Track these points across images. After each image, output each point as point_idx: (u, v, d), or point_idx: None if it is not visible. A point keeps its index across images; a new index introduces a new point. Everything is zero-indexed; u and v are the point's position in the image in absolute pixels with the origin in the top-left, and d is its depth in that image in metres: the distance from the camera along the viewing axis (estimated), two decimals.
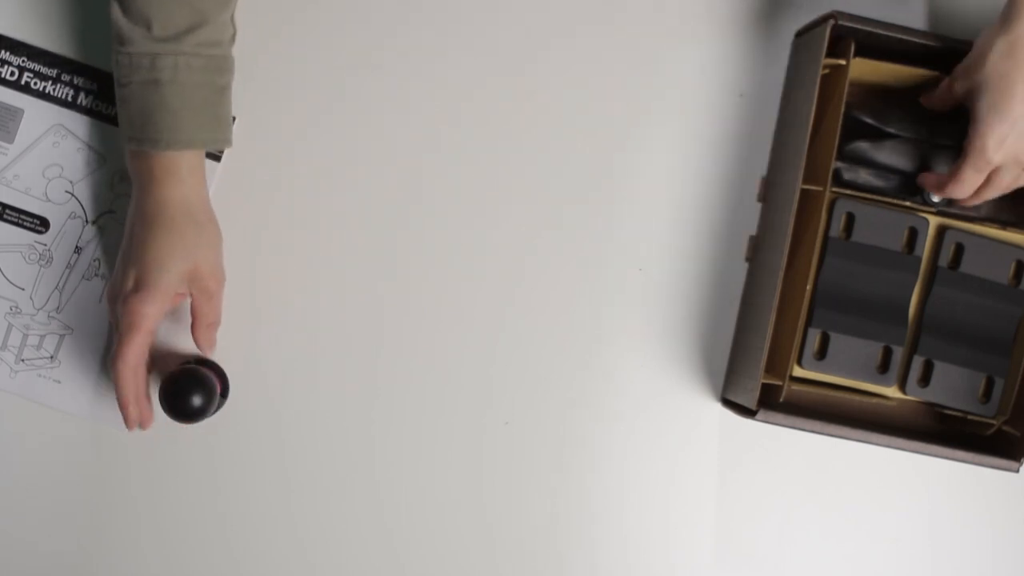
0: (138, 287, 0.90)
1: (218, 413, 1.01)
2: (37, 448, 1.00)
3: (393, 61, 1.03)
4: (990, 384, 1.01)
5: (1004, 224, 1.02)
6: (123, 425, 0.99)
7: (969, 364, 1.01)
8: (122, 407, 0.92)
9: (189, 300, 0.96)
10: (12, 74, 1.00)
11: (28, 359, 1.00)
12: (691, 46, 1.05)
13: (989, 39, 0.91)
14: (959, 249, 1.01)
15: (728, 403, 1.03)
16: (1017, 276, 1.01)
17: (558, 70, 1.04)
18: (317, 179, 1.02)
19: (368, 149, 1.03)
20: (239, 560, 1.01)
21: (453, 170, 1.03)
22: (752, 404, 0.96)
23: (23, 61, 1.00)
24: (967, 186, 0.95)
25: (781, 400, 0.97)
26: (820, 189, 0.97)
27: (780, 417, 0.96)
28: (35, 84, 1.00)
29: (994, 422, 1.00)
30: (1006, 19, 0.90)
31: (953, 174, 0.95)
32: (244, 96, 1.02)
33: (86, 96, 1.00)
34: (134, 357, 0.90)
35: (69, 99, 1.00)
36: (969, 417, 1.01)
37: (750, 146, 1.05)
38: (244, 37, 1.01)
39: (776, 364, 0.99)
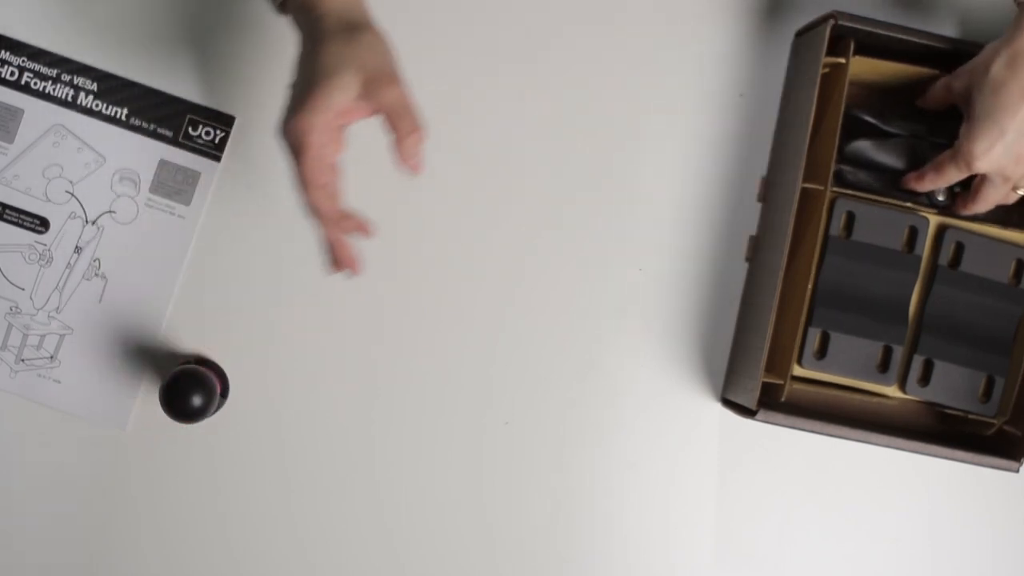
0: (294, 106, 0.82)
1: (218, 413, 1.01)
2: (37, 448, 1.00)
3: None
4: (990, 383, 1.01)
5: (1004, 223, 1.02)
6: (123, 425, 0.99)
7: (969, 363, 1.00)
8: (327, 236, 0.86)
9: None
10: (12, 74, 1.00)
11: (28, 359, 1.00)
12: (691, 46, 1.05)
13: (995, 47, 0.92)
14: (959, 248, 1.01)
15: (728, 403, 1.03)
16: (1017, 275, 1.01)
17: (558, 70, 1.04)
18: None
19: (368, 148, 1.03)
20: (239, 560, 1.01)
21: (453, 169, 1.03)
22: (752, 404, 0.96)
23: (23, 61, 1.00)
24: (946, 178, 0.96)
25: (782, 400, 0.97)
26: (820, 188, 0.97)
27: (780, 417, 0.96)
28: (35, 84, 1.00)
29: (994, 421, 1.00)
30: (1011, 30, 0.91)
31: (934, 164, 0.96)
32: (245, 96, 1.02)
33: (86, 96, 1.00)
34: (315, 177, 0.82)
35: (69, 99, 1.00)
36: (970, 417, 1.01)
37: (750, 146, 1.05)
38: (246, 37, 1.02)
39: (776, 364, 0.98)
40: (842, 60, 0.98)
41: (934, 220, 1.01)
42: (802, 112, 0.98)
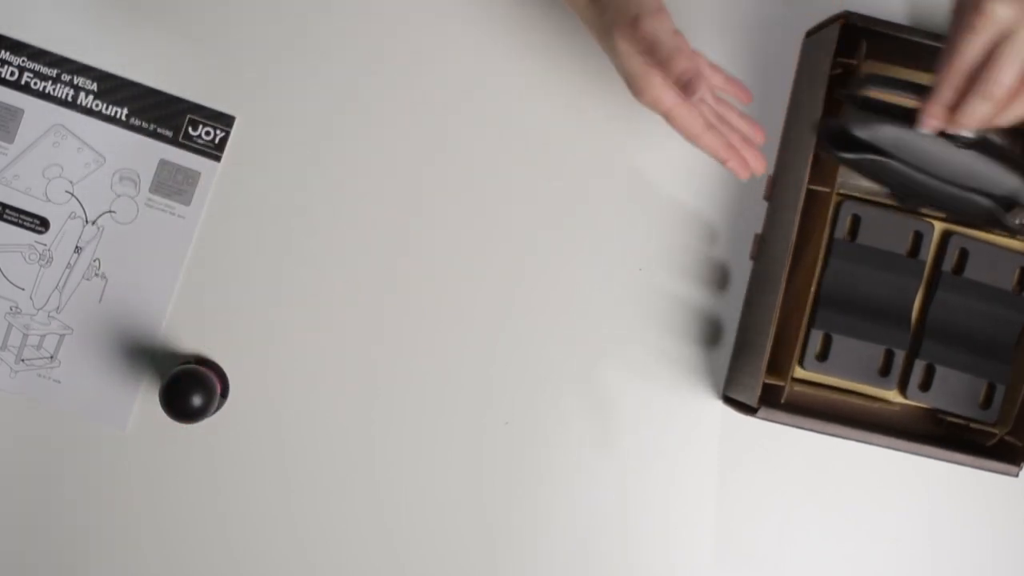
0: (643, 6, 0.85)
1: (218, 413, 1.01)
2: (37, 448, 1.01)
3: (396, 62, 1.03)
4: (991, 390, 1.01)
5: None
6: (123, 425, 1.00)
7: (970, 370, 1.00)
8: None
9: None
10: (12, 74, 1.00)
11: (28, 359, 1.00)
12: (696, 41, 1.04)
13: None
14: (963, 254, 1.00)
15: (729, 401, 1.03)
16: (1021, 283, 1.01)
17: (559, 69, 1.04)
18: (318, 179, 1.02)
19: (369, 148, 1.03)
20: (239, 560, 1.02)
21: (454, 168, 1.03)
22: (753, 402, 0.95)
23: (23, 61, 1.00)
24: (966, 54, 0.79)
25: (783, 401, 0.97)
26: (827, 191, 0.97)
27: (781, 415, 0.96)
28: (35, 84, 1.00)
29: (995, 431, 0.99)
30: None
31: (940, 64, 0.81)
32: (245, 96, 1.02)
33: (86, 96, 1.00)
34: (690, 70, 0.83)
35: (69, 99, 1.00)
36: (972, 426, 1.01)
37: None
38: (247, 37, 1.01)
39: (778, 364, 0.98)
40: (854, 62, 0.97)
41: (939, 226, 1.00)
42: (810, 114, 0.97)
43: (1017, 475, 0.97)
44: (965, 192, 0.89)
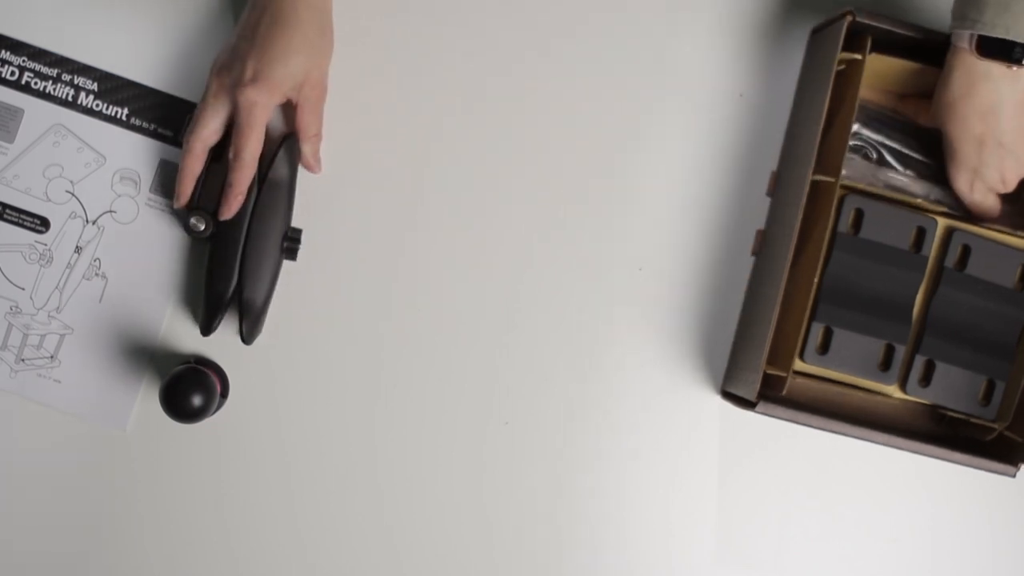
0: (256, 78, 0.93)
1: (218, 413, 1.01)
2: (37, 448, 1.01)
3: (395, 60, 1.03)
4: (991, 387, 1.01)
5: (1013, 227, 1.01)
6: (124, 425, 1.00)
7: (971, 366, 1.00)
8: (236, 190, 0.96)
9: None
10: (12, 74, 1.00)
11: (28, 359, 1.00)
12: (695, 43, 1.05)
13: (938, 96, 0.97)
14: (966, 251, 1.00)
15: (728, 395, 1.03)
16: (1023, 280, 1.01)
17: (559, 70, 1.04)
18: (316, 177, 1.02)
19: (371, 146, 1.03)
20: (239, 560, 1.02)
21: (455, 168, 1.03)
22: (752, 396, 0.95)
23: (23, 61, 1.00)
24: (985, 208, 1.01)
25: (784, 392, 0.97)
26: (831, 180, 0.96)
27: (780, 410, 0.96)
28: (35, 84, 1.00)
29: (995, 426, 0.99)
30: (943, 75, 0.96)
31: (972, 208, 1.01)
32: None
33: (86, 96, 1.00)
34: (254, 149, 0.95)
35: (69, 99, 1.00)
36: (971, 420, 1.01)
37: (756, 145, 1.05)
38: None
39: (779, 358, 0.98)
40: (858, 56, 0.97)
41: (942, 222, 1.01)
42: (815, 107, 0.97)
43: (1015, 475, 0.97)
44: None
